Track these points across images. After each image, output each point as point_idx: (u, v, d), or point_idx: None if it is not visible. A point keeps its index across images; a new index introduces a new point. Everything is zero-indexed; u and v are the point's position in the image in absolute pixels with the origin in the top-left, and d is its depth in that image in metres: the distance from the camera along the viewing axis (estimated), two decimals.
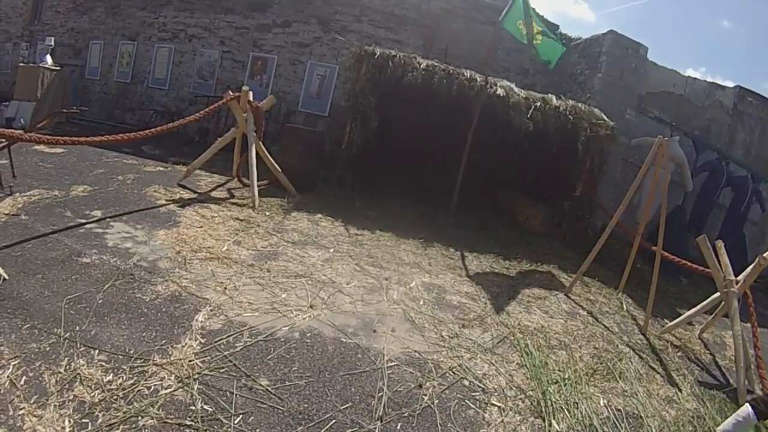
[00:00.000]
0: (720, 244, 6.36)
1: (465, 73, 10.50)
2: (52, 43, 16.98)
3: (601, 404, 4.45)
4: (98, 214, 6.33)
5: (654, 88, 13.28)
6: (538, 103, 10.49)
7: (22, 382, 3.09)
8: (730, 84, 14.02)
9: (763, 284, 12.24)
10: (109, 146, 10.35)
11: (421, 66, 10.32)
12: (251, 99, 8.70)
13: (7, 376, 3.11)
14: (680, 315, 7.04)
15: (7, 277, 4.23)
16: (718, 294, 6.33)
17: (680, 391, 5.20)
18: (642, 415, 4.47)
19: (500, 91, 10.41)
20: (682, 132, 12.47)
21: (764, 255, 5.80)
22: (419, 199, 11.48)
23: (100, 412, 2.97)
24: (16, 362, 3.25)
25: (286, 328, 4.36)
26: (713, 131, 13.83)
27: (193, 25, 17.40)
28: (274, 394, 3.45)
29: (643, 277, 8.58)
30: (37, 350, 3.41)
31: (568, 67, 14.77)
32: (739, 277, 6.09)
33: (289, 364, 3.83)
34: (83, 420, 2.89)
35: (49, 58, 15.85)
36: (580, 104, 11.21)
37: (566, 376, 4.73)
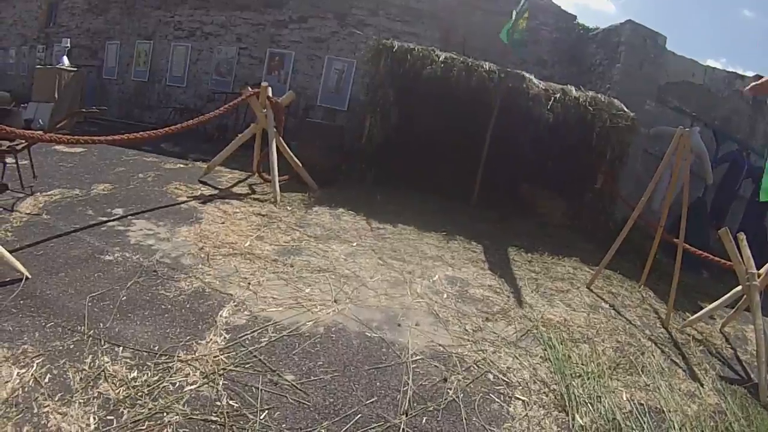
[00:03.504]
0: (742, 236, 6.29)
1: (484, 66, 10.43)
2: (68, 44, 17.09)
3: (624, 398, 4.42)
4: (120, 211, 6.38)
5: (673, 78, 13.14)
6: (558, 95, 10.40)
7: (46, 380, 3.11)
8: (750, 73, 13.87)
9: None
10: (129, 145, 10.42)
11: (440, 59, 10.26)
12: (270, 95, 8.71)
13: (32, 374, 3.13)
14: (702, 308, 6.99)
15: (30, 276, 4.26)
16: (739, 287, 6.27)
17: (702, 385, 5.15)
18: (664, 409, 4.43)
19: (519, 83, 10.35)
20: (703, 123, 12.35)
21: None
22: (440, 192, 11.40)
23: (125, 408, 2.98)
24: (40, 360, 3.27)
25: (311, 322, 4.36)
26: (733, 121, 13.68)
27: (209, 23, 17.47)
28: (300, 389, 3.44)
29: (665, 270, 8.47)
30: (61, 348, 3.43)
31: (586, 58, 14.67)
32: (761, 270, 6.04)
33: (314, 358, 3.83)
34: (108, 417, 2.90)
35: (65, 60, 15.95)
36: (599, 95, 11.10)
37: (589, 370, 4.71)
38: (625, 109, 10.76)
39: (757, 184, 11.89)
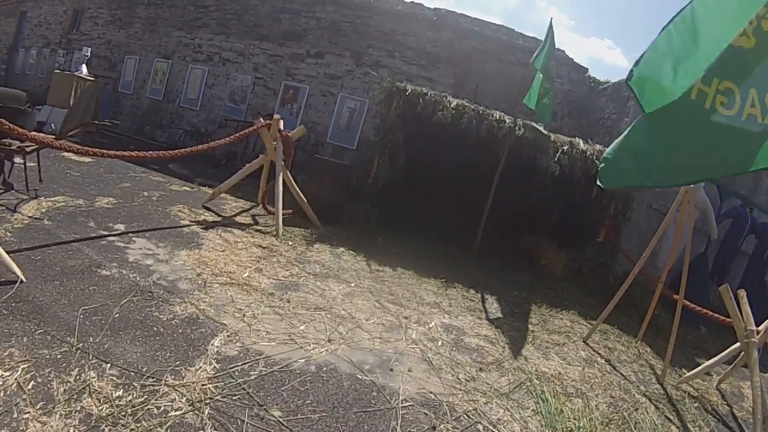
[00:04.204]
0: (742, 293, 6.26)
1: (494, 114, 10.50)
2: (89, 53, 17.31)
3: None
4: (121, 227, 6.39)
5: None
6: (566, 147, 10.48)
7: (29, 387, 3.07)
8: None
9: None
10: (137, 161, 10.41)
11: (452, 105, 10.33)
12: (282, 128, 8.73)
13: (15, 379, 3.10)
14: (699, 364, 6.99)
15: (24, 280, 4.27)
16: (738, 344, 6.25)
17: None
18: None
19: (528, 134, 10.40)
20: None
21: None
22: (443, 237, 11.46)
23: (106, 426, 2.93)
24: (26, 366, 3.24)
25: (303, 360, 4.31)
26: (738, 177, 13.65)
27: (228, 49, 17.69)
28: (286, 426, 3.39)
29: (663, 325, 8.48)
30: (48, 357, 3.40)
31: (596, 110, 14.79)
32: (761, 327, 6.01)
33: (303, 396, 3.78)
34: None
35: (84, 68, 16.12)
36: (607, 149, 11.13)
37: (581, 425, 4.66)
38: None
39: (761, 239, 11.93)
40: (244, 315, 4.87)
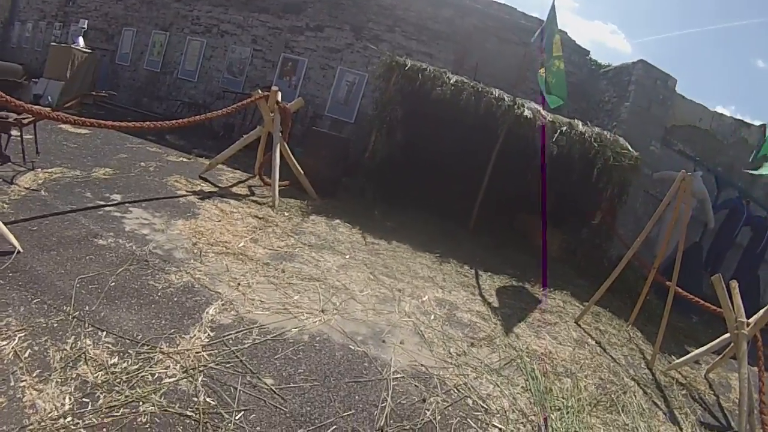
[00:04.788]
0: (734, 284, 6.30)
1: (493, 92, 10.49)
2: (86, 25, 17.16)
3: None
4: (118, 197, 6.38)
5: (680, 121, 13.23)
6: (564, 128, 10.47)
7: (26, 355, 3.11)
8: (757, 122, 13.96)
9: None
10: (134, 132, 10.41)
11: (451, 81, 10.31)
12: (280, 99, 8.71)
13: (12, 347, 3.13)
14: (688, 352, 7.06)
15: (21, 250, 4.27)
16: (727, 335, 6.30)
17: (681, 429, 5.18)
18: None
19: (527, 113, 10.38)
20: (706, 168, 12.45)
21: None
22: (439, 213, 11.47)
23: (101, 393, 2.97)
24: (23, 335, 3.27)
25: (296, 329, 4.35)
26: (736, 168, 13.71)
27: (226, 21, 17.54)
28: (278, 394, 3.44)
29: (655, 311, 8.51)
30: (44, 325, 3.43)
31: (596, 93, 14.79)
32: (751, 320, 6.04)
33: (295, 365, 3.82)
34: (84, 399, 2.90)
35: (81, 40, 16.02)
36: (605, 132, 11.20)
37: (569, 404, 4.71)
38: (630, 148, 10.82)
39: (755, 232, 12.01)
40: (239, 284, 4.90)
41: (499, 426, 3.98)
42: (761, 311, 6.00)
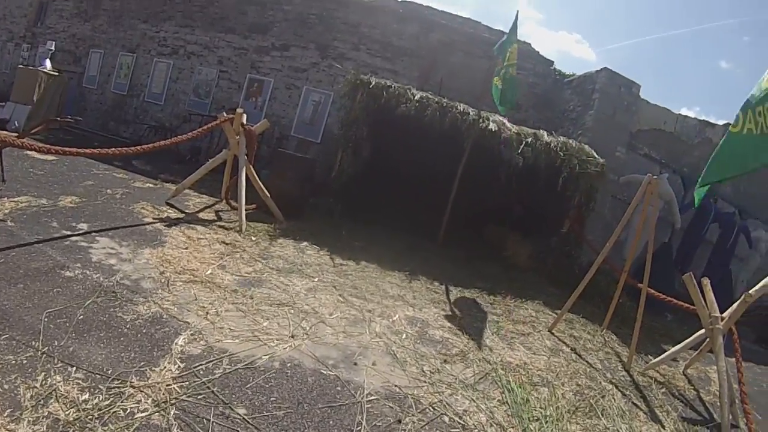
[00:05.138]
0: (706, 281, 6.38)
1: (458, 107, 10.59)
2: (53, 47, 17.07)
3: None
4: (84, 227, 6.29)
5: (645, 125, 13.46)
6: (530, 139, 10.58)
7: None
8: (721, 122, 14.21)
9: (749, 318, 12.34)
10: (101, 158, 10.32)
11: (415, 97, 10.40)
12: (245, 122, 8.69)
13: None
14: (665, 351, 7.15)
15: None
16: (702, 331, 6.37)
17: (663, 427, 5.26)
18: None
19: (492, 126, 10.48)
20: (671, 169, 12.67)
21: (750, 292, 5.83)
22: (407, 230, 11.52)
23: (74, 431, 2.92)
24: None
25: (267, 357, 4.32)
26: (702, 168, 13.86)
27: (193, 42, 17.51)
28: (251, 424, 3.41)
29: (628, 313, 8.58)
30: (13, 362, 3.37)
31: (561, 103, 14.99)
32: (725, 314, 6.13)
33: (267, 393, 3.79)
34: None
35: (48, 63, 15.94)
36: (570, 141, 11.34)
37: (548, 414, 4.74)
38: (595, 155, 10.98)
39: (724, 229, 12.19)
40: (207, 313, 4.86)
41: None
42: (734, 305, 6.09)
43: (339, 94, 12.96)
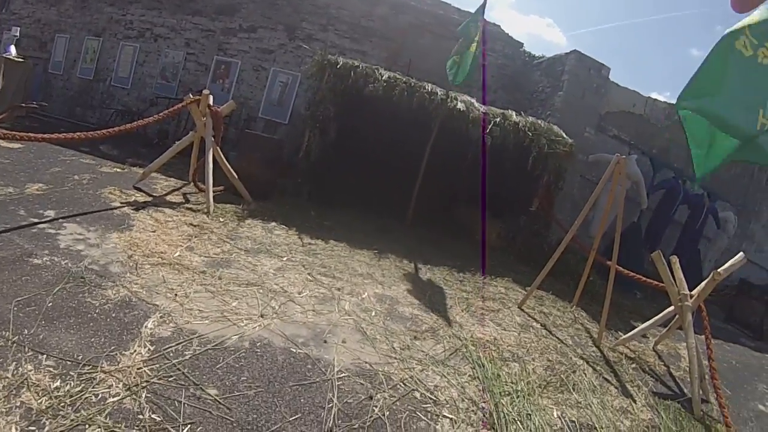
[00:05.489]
0: (674, 259, 6.49)
1: (426, 87, 10.62)
2: (18, 33, 16.81)
3: (555, 416, 4.52)
4: (52, 214, 6.21)
5: (614, 107, 13.59)
6: (498, 119, 10.66)
7: None
8: None
9: (717, 297, 12.54)
10: (67, 144, 10.22)
11: (383, 77, 10.39)
12: (211, 103, 8.64)
13: None
14: (634, 328, 7.23)
15: None
16: (672, 308, 6.46)
17: (635, 401, 5.34)
18: (596, 426, 4.56)
19: (460, 106, 10.54)
20: (641, 151, 12.85)
21: (718, 270, 5.91)
22: (376, 210, 11.55)
23: (47, 419, 2.92)
24: None
25: (236, 337, 4.33)
26: (672, 151, 14.16)
27: (159, 25, 17.22)
28: (223, 404, 3.43)
29: (598, 291, 8.71)
30: None
31: (530, 84, 15.11)
32: (694, 292, 6.24)
33: (237, 373, 3.81)
34: (30, 428, 2.84)
35: (13, 49, 15.66)
36: (539, 121, 11.45)
37: (519, 388, 4.79)
38: (564, 136, 11.11)
39: (693, 210, 12.36)
40: (176, 295, 4.84)
41: (450, 416, 4.04)
42: (703, 283, 6.19)
43: (306, 75, 12.91)
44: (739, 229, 14.39)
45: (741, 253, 6.23)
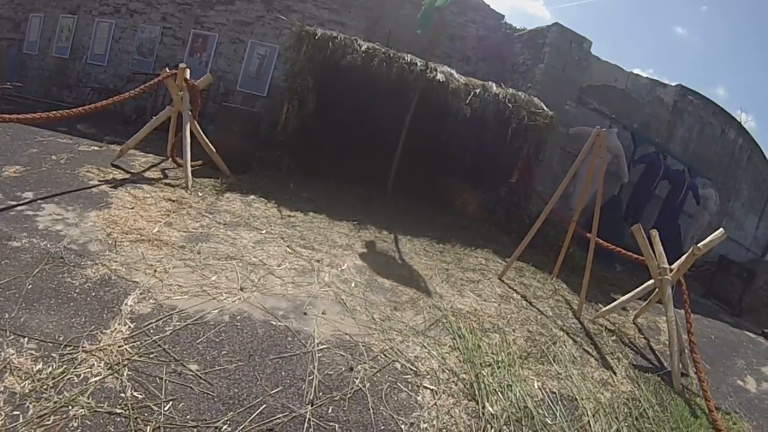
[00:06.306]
0: (654, 233, 6.56)
1: (405, 57, 10.59)
2: None
3: (536, 387, 4.59)
4: (30, 195, 6.16)
5: (596, 81, 13.63)
6: (478, 90, 10.69)
7: None
8: (673, 83, 14.46)
9: (697, 273, 12.69)
10: (44, 125, 10.12)
11: (362, 48, 10.34)
12: (188, 77, 8.55)
13: None
14: (614, 300, 7.31)
15: None
16: (651, 281, 6.53)
17: (615, 374, 5.42)
18: (577, 397, 4.62)
19: (440, 76, 10.53)
20: (621, 125, 12.99)
21: (698, 245, 5.96)
22: (355, 181, 11.53)
23: (30, 403, 2.94)
24: None
25: (216, 311, 4.35)
26: (653, 126, 14.32)
27: (135, 0, 17.06)
28: (204, 379, 3.46)
29: (578, 263, 8.76)
30: None
31: (511, 56, 15.10)
32: (673, 266, 6.31)
33: (218, 348, 3.84)
34: (14, 412, 2.86)
35: None
36: (519, 93, 11.49)
37: (500, 359, 4.85)
38: (545, 108, 11.15)
39: (673, 185, 12.52)
40: (155, 271, 4.84)
41: (431, 387, 4.10)
42: (683, 257, 6.25)
43: (284, 47, 12.84)
44: (719, 207, 14.52)
45: (721, 229, 6.31)
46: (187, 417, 3.12)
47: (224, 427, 3.12)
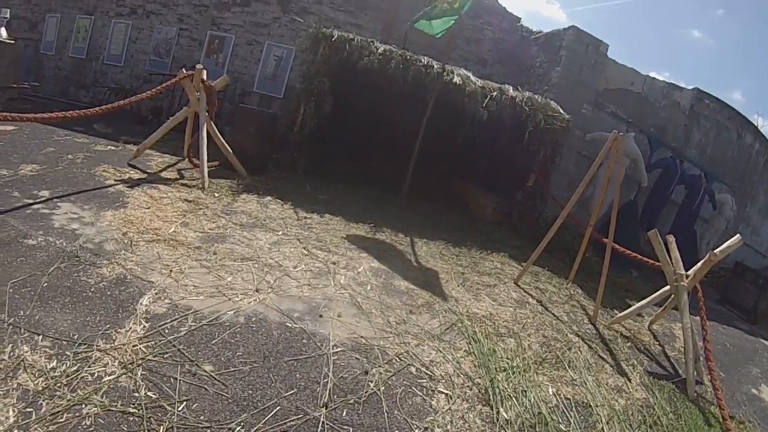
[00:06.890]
0: (671, 238, 6.49)
1: (422, 60, 10.53)
2: (8, 15, 16.68)
3: (550, 393, 4.54)
4: (46, 194, 6.17)
5: (612, 85, 13.51)
6: (494, 93, 10.62)
7: None
8: (689, 87, 14.36)
9: (712, 279, 12.60)
10: (61, 124, 10.15)
11: (378, 51, 10.30)
12: (204, 78, 8.56)
13: None
14: (629, 306, 7.23)
15: None
16: (667, 287, 6.47)
17: (629, 380, 5.36)
18: (591, 403, 4.57)
19: (457, 79, 10.48)
20: (638, 129, 12.86)
21: (715, 251, 5.91)
22: (371, 184, 11.50)
23: (44, 400, 2.92)
24: None
25: (231, 312, 4.33)
26: (669, 130, 14.17)
27: (151, 1, 16.96)
28: (218, 380, 3.44)
29: (594, 268, 8.72)
30: None
31: (527, 59, 14.98)
32: (689, 272, 6.25)
33: (233, 349, 3.82)
34: (27, 409, 2.84)
35: (3, 31, 15.54)
36: (536, 96, 11.38)
37: (514, 364, 4.81)
38: (561, 111, 11.08)
39: (690, 190, 12.46)
40: (171, 271, 4.83)
41: (445, 391, 4.06)
42: (699, 263, 6.19)
43: (301, 49, 12.84)
44: (736, 212, 14.45)
45: (738, 235, 6.24)
46: (201, 418, 3.10)
47: (238, 428, 3.10)
